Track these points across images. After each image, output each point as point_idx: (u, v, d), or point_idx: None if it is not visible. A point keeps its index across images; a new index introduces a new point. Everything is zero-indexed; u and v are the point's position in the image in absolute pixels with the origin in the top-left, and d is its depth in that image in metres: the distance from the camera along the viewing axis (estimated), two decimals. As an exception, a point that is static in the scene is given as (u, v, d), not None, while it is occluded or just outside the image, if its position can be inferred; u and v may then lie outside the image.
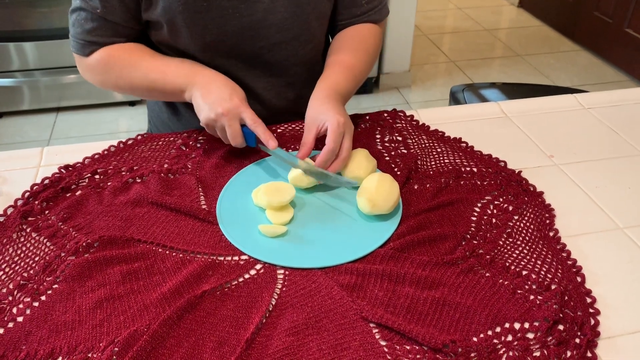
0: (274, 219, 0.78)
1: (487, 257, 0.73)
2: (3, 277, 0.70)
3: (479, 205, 0.82)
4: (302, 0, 0.93)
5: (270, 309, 0.66)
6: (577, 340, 0.62)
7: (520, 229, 0.78)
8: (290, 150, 0.94)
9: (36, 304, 0.67)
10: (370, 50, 1.01)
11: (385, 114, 1.03)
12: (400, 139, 0.97)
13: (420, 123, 1.01)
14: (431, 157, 0.93)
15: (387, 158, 0.92)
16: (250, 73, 0.99)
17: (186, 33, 0.91)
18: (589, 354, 0.61)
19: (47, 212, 0.80)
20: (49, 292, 0.68)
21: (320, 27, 1.01)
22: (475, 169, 0.89)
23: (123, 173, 0.88)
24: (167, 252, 0.74)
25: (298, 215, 0.80)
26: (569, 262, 0.72)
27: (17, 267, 0.71)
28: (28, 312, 0.66)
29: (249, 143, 0.87)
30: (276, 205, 0.78)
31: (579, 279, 0.70)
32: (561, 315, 0.64)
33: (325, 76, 0.93)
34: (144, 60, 0.92)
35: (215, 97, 0.85)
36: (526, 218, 0.80)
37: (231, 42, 0.93)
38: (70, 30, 0.93)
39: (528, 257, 0.73)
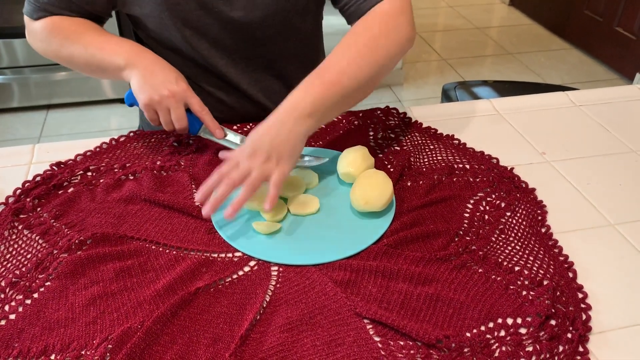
0: (268, 216, 0.78)
1: (480, 253, 0.73)
2: (-5, 274, 0.70)
3: (472, 201, 0.82)
4: None
5: (265, 305, 0.66)
6: (569, 335, 0.63)
7: (512, 225, 0.78)
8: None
9: (28, 301, 0.66)
10: (359, 43, 0.82)
11: (378, 111, 1.03)
12: (393, 136, 0.97)
13: (413, 120, 1.02)
14: (424, 154, 0.93)
15: (380, 155, 0.92)
16: (234, 69, 0.99)
17: (168, 24, 0.91)
18: (580, 349, 0.62)
19: (39, 209, 0.80)
20: (42, 289, 0.68)
21: (304, 23, 0.99)
22: (467, 166, 0.90)
23: (115, 170, 0.87)
24: (161, 249, 0.73)
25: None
26: (561, 258, 0.73)
27: (9, 265, 0.71)
28: (20, 309, 0.65)
29: (191, 130, 0.86)
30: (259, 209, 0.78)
31: (570, 275, 0.71)
32: (553, 310, 0.65)
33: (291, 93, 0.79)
34: (86, 34, 0.90)
35: (160, 79, 0.83)
36: (518, 214, 0.80)
37: (211, 36, 0.93)
38: None
39: (520, 253, 0.74)
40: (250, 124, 0.99)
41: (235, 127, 0.98)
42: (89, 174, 0.87)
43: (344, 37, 0.84)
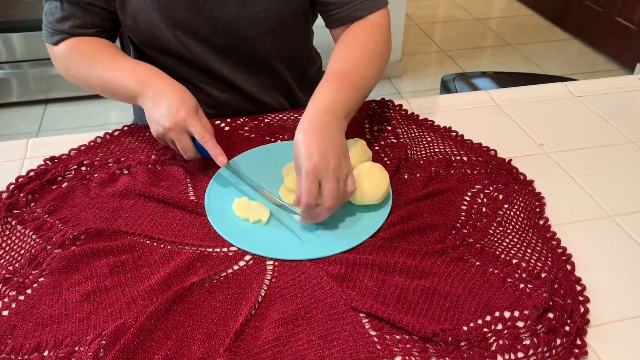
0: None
1: (477, 245, 0.72)
2: (-12, 270, 0.69)
3: (469, 194, 0.82)
4: None
5: (260, 300, 0.66)
6: (567, 328, 0.62)
7: (510, 217, 0.78)
8: (279, 140, 0.93)
9: (22, 297, 0.66)
10: (369, 50, 0.89)
11: (374, 104, 1.02)
12: (389, 128, 0.96)
13: (410, 112, 1.01)
14: (421, 146, 0.92)
15: (377, 148, 0.91)
16: (227, 65, 0.98)
17: (159, 24, 0.89)
18: (578, 342, 0.61)
19: (32, 204, 0.79)
20: (35, 285, 0.67)
21: (298, 21, 0.98)
22: (465, 158, 0.89)
23: (110, 165, 0.87)
24: (155, 244, 0.73)
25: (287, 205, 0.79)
26: (559, 250, 0.72)
27: (2, 261, 0.70)
28: (13, 305, 0.65)
29: (205, 155, 0.83)
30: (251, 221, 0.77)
31: (568, 267, 0.70)
32: (551, 303, 0.64)
33: (316, 94, 0.80)
34: (102, 59, 0.90)
35: (163, 110, 0.81)
36: (516, 206, 0.80)
37: (203, 34, 0.92)
38: (43, 19, 0.92)
39: (518, 246, 0.73)
40: (243, 118, 0.99)
41: (228, 121, 0.97)
42: (83, 168, 0.86)
43: (349, 40, 0.90)
